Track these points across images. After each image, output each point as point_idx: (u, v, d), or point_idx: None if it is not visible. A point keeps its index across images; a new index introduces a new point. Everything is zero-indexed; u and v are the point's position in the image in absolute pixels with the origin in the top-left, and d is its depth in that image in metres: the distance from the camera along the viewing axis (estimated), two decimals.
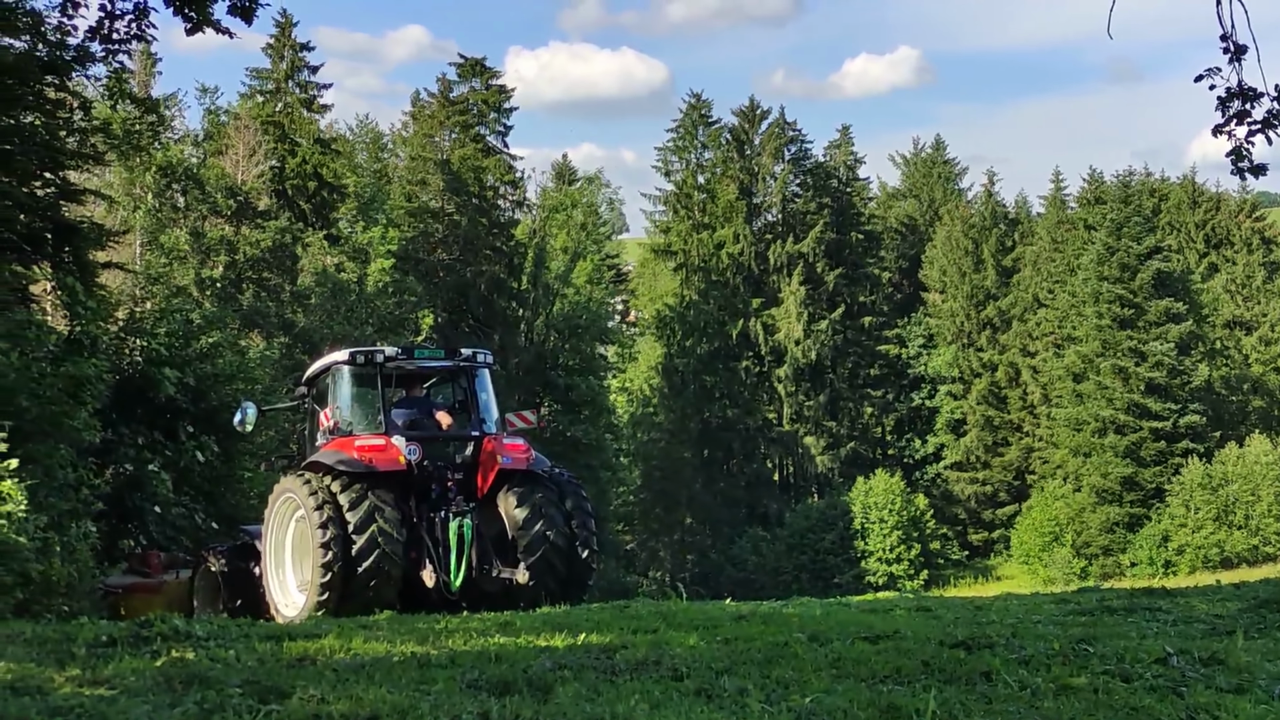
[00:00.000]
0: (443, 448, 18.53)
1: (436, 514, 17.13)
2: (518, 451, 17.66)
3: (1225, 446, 75.74)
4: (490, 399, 18.81)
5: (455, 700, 6.77)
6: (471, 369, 18.92)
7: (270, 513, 17.76)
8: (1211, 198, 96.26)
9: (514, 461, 17.45)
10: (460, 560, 16.65)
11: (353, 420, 18.16)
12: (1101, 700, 6.83)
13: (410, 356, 18.81)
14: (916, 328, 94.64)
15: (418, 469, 17.28)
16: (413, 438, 17.52)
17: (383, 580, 16.34)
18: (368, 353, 18.53)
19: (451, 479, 17.60)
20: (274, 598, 17.62)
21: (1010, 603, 14.71)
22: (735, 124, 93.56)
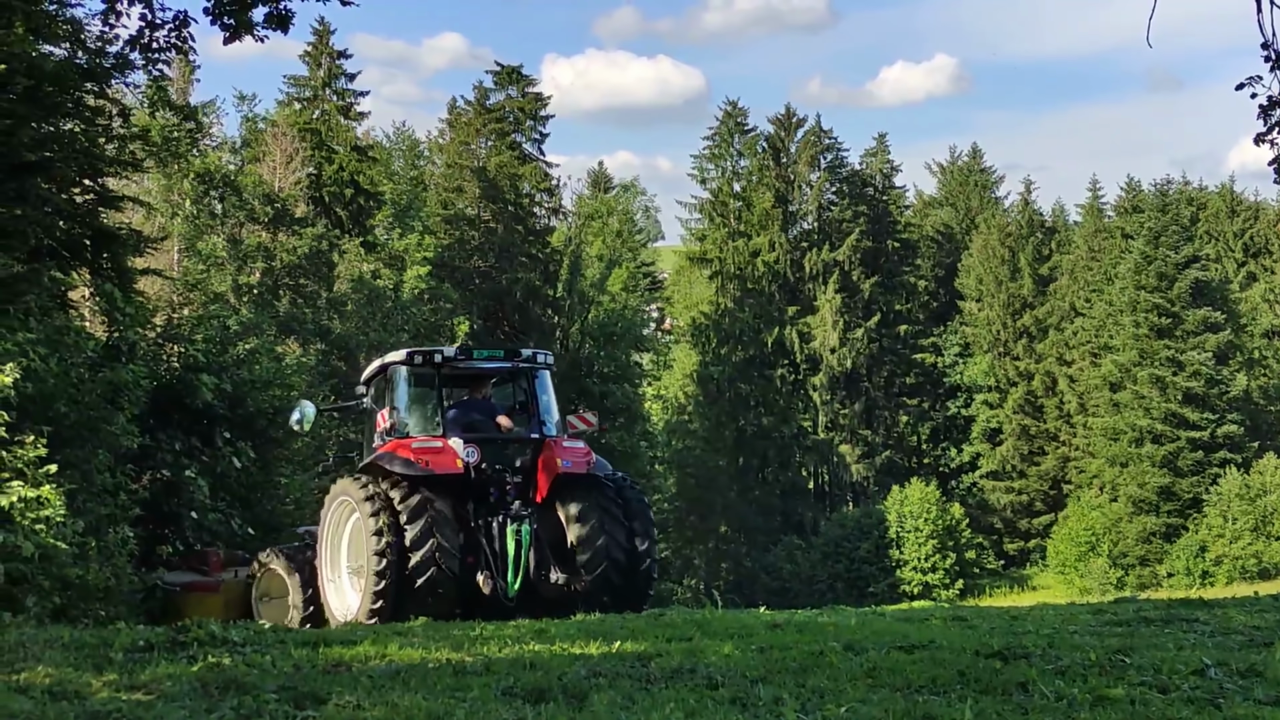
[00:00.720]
0: (503, 450, 18.03)
1: (494, 519, 16.86)
2: (578, 455, 17.33)
3: (1263, 457, 75.21)
4: (551, 401, 18.52)
5: (490, 707, 6.79)
6: (531, 370, 18.65)
7: (326, 514, 17.73)
8: (1250, 206, 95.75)
9: (574, 465, 17.18)
10: (517, 566, 16.45)
11: (410, 421, 17.82)
12: (1138, 712, 6.80)
13: (468, 357, 18.56)
14: (952, 336, 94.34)
15: (476, 472, 16.95)
16: (471, 439, 17.17)
17: (438, 591, 16.09)
18: (425, 353, 18.26)
19: (510, 483, 17.29)
20: (329, 601, 17.56)
21: (1046, 613, 14.65)
22: (771, 132, 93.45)
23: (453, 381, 18.96)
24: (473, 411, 18.37)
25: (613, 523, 17.15)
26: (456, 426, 17.80)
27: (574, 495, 17.23)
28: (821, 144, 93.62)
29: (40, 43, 18.89)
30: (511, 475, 17.39)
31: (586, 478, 17.34)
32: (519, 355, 18.79)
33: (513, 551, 16.48)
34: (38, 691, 7.30)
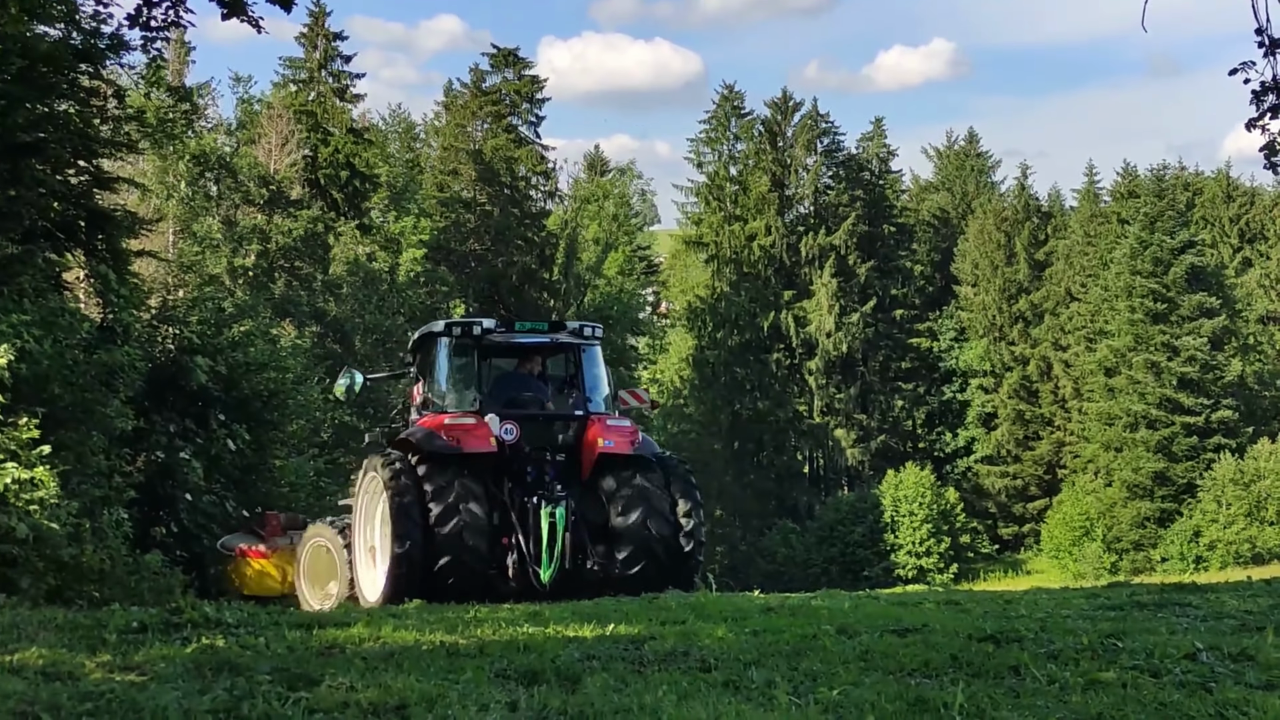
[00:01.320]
0: (547, 428, 17.39)
1: (530, 500, 16.14)
2: (622, 434, 16.62)
3: (1258, 442, 75.34)
4: (600, 377, 17.88)
5: (483, 689, 6.80)
6: (578, 345, 17.87)
7: (359, 489, 17.21)
8: (1246, 192, 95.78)
9: (616, 445, 16.46)
10: (552, 551, 15.75)
11: (447, 395, 17.26)
12: (1130, 695, 6.81)
13: (509, 330, 17.73)
14: (948, 321, 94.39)
15: (513, 450, 16.32)
16: (510, 416, 16.46)
17: (463, 574, 15.41)
18: (464, 324, 17.49)
19: (551, 462, 16.68)
20: (358, 578, 17.20)
21: (1040, 597, 14.66)
22: (768, 116, 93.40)
23: (495, 355, 18.30)
24: (517, 387, 17.79)
25: (657, 504, 16.46)
26: (496, 402, 17.12)
27: (617, 476, 16.50)
28: (818, 128, 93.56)
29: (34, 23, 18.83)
30: (554, 455, 16.80)
31: (630, 458, 16.61)
32: (563, 329, 18.01)
33: (546, 535, 15.78)
34: (31, 672, 7.30)
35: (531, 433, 16.87)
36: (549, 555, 15.76)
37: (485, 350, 17.79)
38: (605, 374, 18.07)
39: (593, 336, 17.90)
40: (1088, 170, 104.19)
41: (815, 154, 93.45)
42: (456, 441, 16.06)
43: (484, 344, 17.56)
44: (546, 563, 15.74)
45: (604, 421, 16.86)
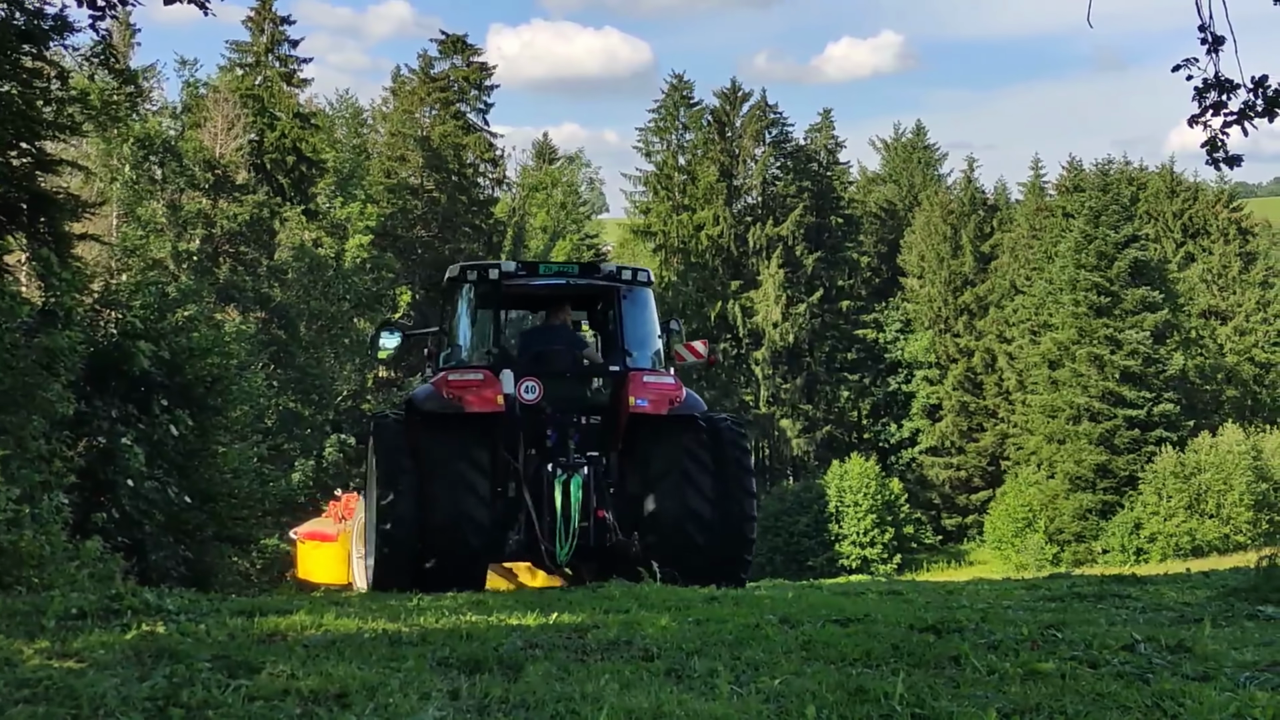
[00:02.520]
0: (576, 387, 15.39)
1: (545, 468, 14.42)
2: (660, 391, 14.62)
3: (1198, 435, 76.06)
4: (647, 327, 15.79)
5: (425, 678, 6.78)
6: (616, 289, 15.68)
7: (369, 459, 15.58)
8: (1189, 187, 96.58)
9: (651, 404, 14.44)
10: (567, 526, 14.05)
11: (462, 348, 15.49)
12: (1068, 686, 6.86)
13: (534, 274, 15.66)
14: (894, 312, 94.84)
15: (532, 412, 14.54)
16: (531, 373, 14.72)
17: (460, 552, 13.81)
18: (480, 267, 15.50)
19: (578, 425, 14.82)
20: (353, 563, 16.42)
21: (981, 588, 14.77)
22: (717, 106, 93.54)
23: (518, 303, 16.79)
24: (543, 340, 15.84)
25: (697, 473, 14.50)
26: (520, 357, 15.38)
27: (653, 440, 14.67)
28: (767, 119, 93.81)
29: None
30: (583, 416, 14.93)
31: (669, 420, 14.62)
32: (597, 270, 15.90)
33: (561, 509, 14.09)
34: None
35: (559, 392, 14.98)
36: (564, 531, 14.07)
37: (506, 298, 15.84)
38: (653, 323, 15.93)
39: (634, 280, 15.74)
40: (1033, 164, 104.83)
41: (763, 145, 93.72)
42: (458, 400, 14.22)
43: (502, 290, 15.52)
44: (562, 539, 14.07)
45: (640, 378, 14.74)
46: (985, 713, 6.12)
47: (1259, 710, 6.24)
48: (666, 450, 14.57)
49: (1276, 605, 11.32)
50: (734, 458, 14.81)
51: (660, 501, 14.40)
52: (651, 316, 15.91)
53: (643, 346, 15.60)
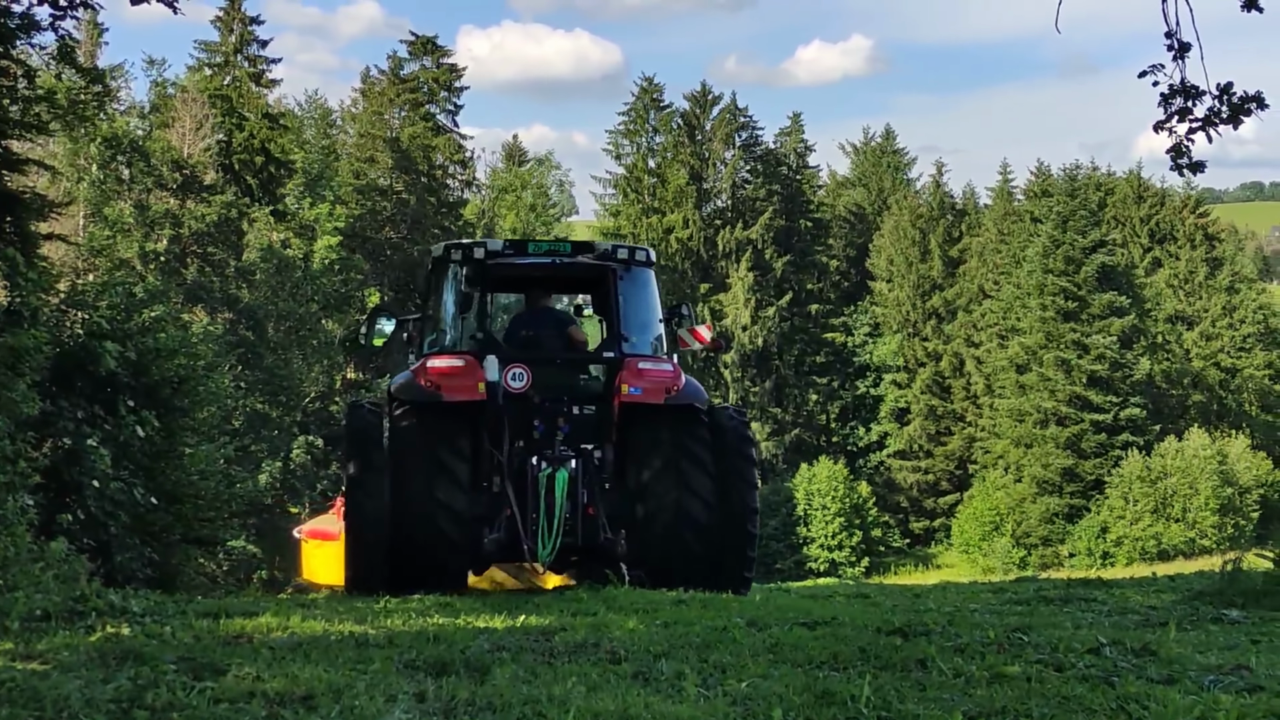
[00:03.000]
0: (568, 375, 14.71)
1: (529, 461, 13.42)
2: (655, 379, 13.66)
3: (1164, 440, 76.46)
4: (646, 309, 14.81)
5: (392, 680, 6.77)
6: (612, 269, 14.58)
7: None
8: (1156, 193, 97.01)
9: (645, 393, 13.47)
10: (551, 523, 13.07)
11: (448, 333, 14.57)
12: (1034, 689, 6.89)
13: (522, 253, 14.62)
14: (863, 316, 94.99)
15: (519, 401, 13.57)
16: (520, 359, 13.78)
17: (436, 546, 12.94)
18: (465, 246, 14.50)
19: (568, 415, 13.92)
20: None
21: (948, 591, 14.87)
22: (687, 109, 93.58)
23: (506, 284, 15.83)
24: (535, 324, 15.05)
25: (694, 466, 13.50)
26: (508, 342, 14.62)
27: (648, 431, 13.70)
28: (736, 122, 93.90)
29: None
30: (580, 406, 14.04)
31: (665, 410, 13.61)
32: (590, 249, 14.85)
33: (544, 506, 13.11)
34: None
35: (550, 380, 14.12)
36: (547, 529, 13.08)
37: (492, 279, 14.72)
38: (654, 306, 14.93)
39: (631, 259, 14.66)
40: (1002, 168, 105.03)
41: (733, 148, 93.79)
42: (436, 388, 13.38)
43: (489, 271, 14.44)
44: (545, 538, 13.07)
45: (635, 364, 13.82)
46: (951, 715, 6.14)
47: (1223, 713, 6.28)
48: (661, 442, 13.57)
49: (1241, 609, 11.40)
50: (735, 447, 13.79)
51: (653, 497, 13.43)
52: (652, 299, 14.92)
53: (642, 331, 14.66)
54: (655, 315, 14.91)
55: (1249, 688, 7.08)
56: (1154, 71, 13.03)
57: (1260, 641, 9.17)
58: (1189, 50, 12.77)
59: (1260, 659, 8.06)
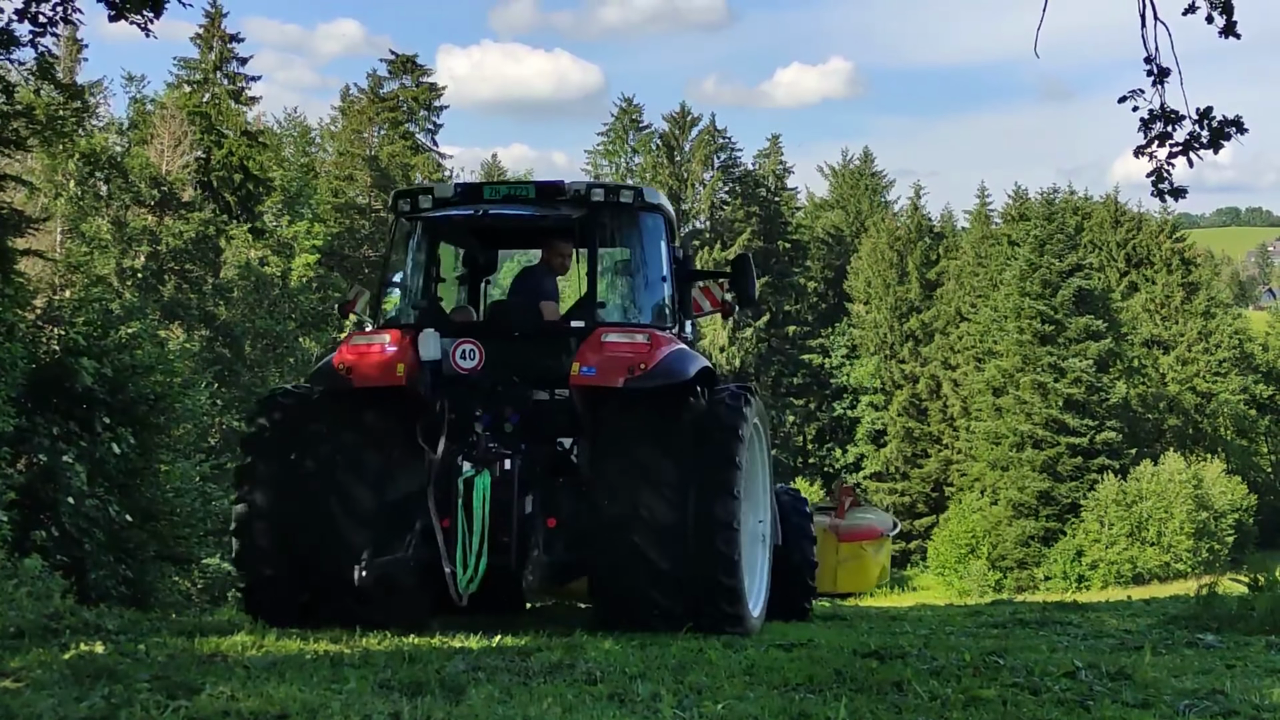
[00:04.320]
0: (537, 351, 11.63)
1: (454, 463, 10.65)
2: (615, 355, 10.70)
3: (1140, 464, 76.59)
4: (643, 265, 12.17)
5: (367, 700, 6.75)
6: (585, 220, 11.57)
7: None
8: (1133, 217, 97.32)
9: (599, 373, 10.60)
10: (469, 542, 10.31)
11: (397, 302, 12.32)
12: (1009, 712, 6.90)
13: (476, 199, 11.78)
14: (840, 338, 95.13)
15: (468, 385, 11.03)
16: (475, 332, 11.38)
17: (340, 587, 10.45)
18: (412, 194, 11.89)
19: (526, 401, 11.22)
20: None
21: (924, 613, 14.88)
22: (666, 130, 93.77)
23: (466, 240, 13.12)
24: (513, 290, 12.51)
25: (657, 471, 10.62)
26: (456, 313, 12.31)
27: (609, 423, 10.93)
28: (715, 143, 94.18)
29: None
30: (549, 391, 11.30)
31: (624, 395, 10.67)
32: (560, 192, 11.53)
33: (463, 516, 10.35)
34: None
35: (512, 359, 11.40)
36: (467, 548, 10.31)
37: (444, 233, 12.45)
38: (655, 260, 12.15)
39: (613, 199, 11.68)
40: (979, 192, 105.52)
41: (712, 169, 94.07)
42: (348, 372, 10.88)
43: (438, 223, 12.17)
44: (462, 561, 10.31)
45: (601, 336, 10.94)
46: None
47: None
48: (620, 436, 10.78)
49: (1215, 633, 11.43)
50: (717, 440, 10.74)
51: (607, 508, 10.61)
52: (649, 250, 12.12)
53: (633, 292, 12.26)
54: (654, 271, 12.07)
55: (1224, 712, 7.10)
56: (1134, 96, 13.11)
57: (1235, 666, 9.19)
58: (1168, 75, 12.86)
59: (1235, 683, 8.08)
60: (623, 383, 10.50)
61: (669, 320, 11.98)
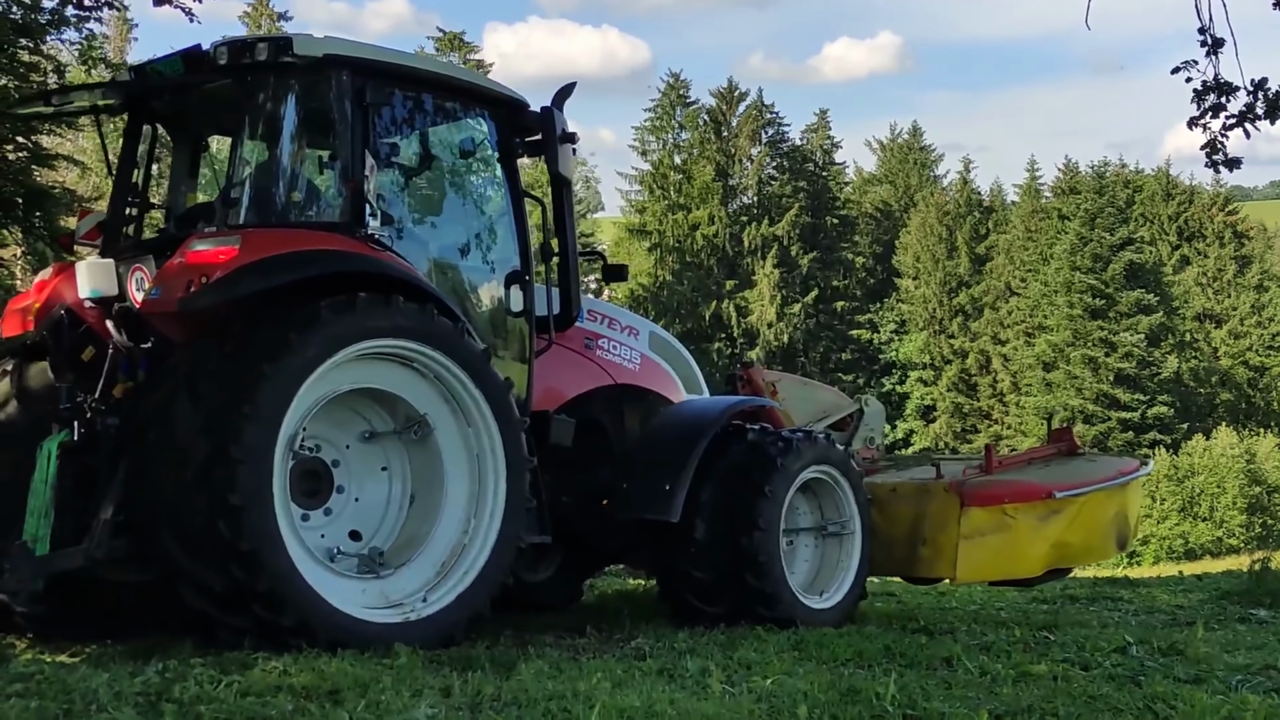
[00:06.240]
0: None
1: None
2: (185, 269, 7.94)
3: (1192, 438, 76.03)
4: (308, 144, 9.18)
5: (417, 675, 6.79)
6: (247, 89, 8.93)
7: None
8: (1185, 190, 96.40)
9: (161, 297, 8.00)
10: (39, 517, 7.94)
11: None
12: (1060, 688, 6.87)
13: (139, 78, 9.46)
14: (889, 313, 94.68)
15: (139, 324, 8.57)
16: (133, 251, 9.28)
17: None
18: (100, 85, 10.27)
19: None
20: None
21: (974, 590, 14.79)
22: (713, 105, 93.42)
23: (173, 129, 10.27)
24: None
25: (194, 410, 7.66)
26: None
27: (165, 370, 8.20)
28: (763, 119, 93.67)
29: None
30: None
31: (179, 323, 8.06)
32: (200, 59, 8.79)
33: (35, 493, 8.05)
34: None
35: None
36: (32, 524, 7.97)
37: (130, 120, 9.98)
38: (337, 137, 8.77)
39: (263, 61, 8.54)
40: (1029, 166, 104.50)
41: (759, 144, 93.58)
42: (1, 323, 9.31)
43: (128, 111, 9.89)
44: (34, 534, 7.92)
45: (190, 245, 8.13)
46: (977, 714, 6.13)
47: (1250, 713, 6.26)
48: (163, 380, 8.11)
49: (1269, 609, 11.36)
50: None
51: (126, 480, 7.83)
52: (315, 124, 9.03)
53: (291, 183, 9.01)
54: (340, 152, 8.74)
55: (1276, 688, 7.06)
56: (1187, 68, 13.02)
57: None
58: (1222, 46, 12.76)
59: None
60: (177, 306, 7.85)
61: (365, 223, 8.51)
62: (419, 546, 8.51)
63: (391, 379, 8.44)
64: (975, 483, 11.69)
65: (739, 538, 9.65)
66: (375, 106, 8.84)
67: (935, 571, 11.55)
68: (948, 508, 11.27)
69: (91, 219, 9.86)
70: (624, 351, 10.98)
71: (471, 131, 9.88)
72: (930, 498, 11.50)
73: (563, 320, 10.12)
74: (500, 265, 9.80)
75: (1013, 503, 11.40)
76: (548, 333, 9.92)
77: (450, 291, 9.16)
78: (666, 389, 11.21)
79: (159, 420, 7.75)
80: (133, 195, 9.98)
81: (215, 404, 7.54)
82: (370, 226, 8.52)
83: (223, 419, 7.46)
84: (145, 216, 10.25)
